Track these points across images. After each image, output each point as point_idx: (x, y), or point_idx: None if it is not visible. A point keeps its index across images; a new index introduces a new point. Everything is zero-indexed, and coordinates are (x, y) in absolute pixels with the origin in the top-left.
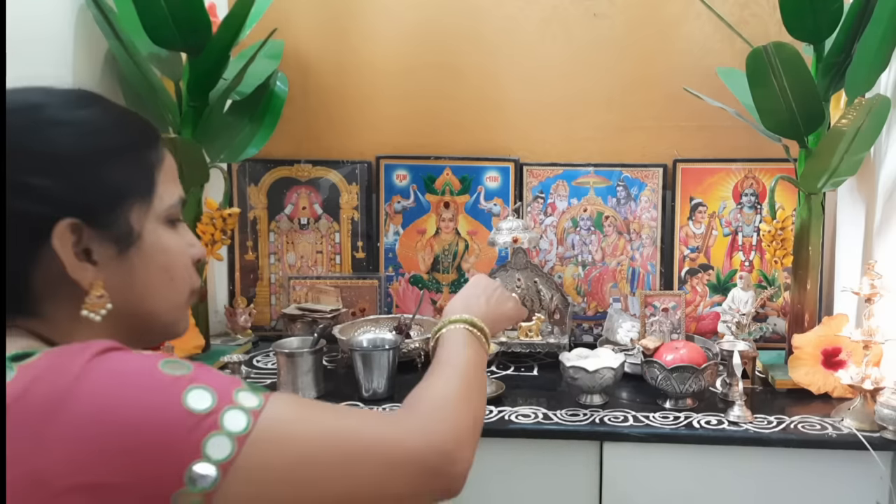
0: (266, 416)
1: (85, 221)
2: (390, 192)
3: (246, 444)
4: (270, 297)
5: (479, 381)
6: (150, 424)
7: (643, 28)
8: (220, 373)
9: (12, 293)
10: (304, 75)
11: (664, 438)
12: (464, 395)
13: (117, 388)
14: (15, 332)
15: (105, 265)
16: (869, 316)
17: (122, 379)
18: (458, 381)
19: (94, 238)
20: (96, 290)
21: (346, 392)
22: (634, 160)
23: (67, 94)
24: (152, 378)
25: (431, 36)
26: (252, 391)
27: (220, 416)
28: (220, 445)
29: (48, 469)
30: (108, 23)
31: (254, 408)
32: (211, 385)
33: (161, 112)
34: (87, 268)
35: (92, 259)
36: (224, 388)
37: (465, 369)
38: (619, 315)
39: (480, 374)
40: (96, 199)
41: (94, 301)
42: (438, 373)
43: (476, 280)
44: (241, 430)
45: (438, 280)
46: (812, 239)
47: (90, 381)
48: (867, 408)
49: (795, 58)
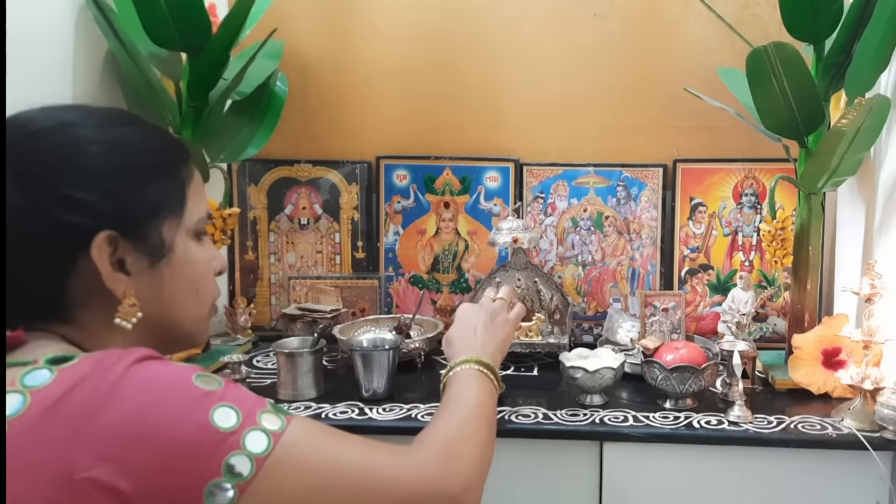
0: (286, 439)
1: (122, 234)
2: (390, 192)
3: (264, 466)
4: (270, 297)
5: (488, 420)
6: (177, 437)
7: (643, 28)
8: (248, 392)
9: (50, 299)
10: (304, 75)
11: (664, 438)
12: (473, 436)
13: (151, 397)
14: (50, 337)
15: (138, 276)
16: (869, 316)
17: (157, 388)
18: (468, 422)
19: (129, 250)
20: (129, 300)
21: (346, 392)
22: (634, 160)
23: (106, 114)
24: (185, 391)
25: (431, 36)
26: (275, 412)
27: (242, 436)
28: (241, 464)
29: (79, 469)
30: (108, 23)
31: (275, 430)
32: (238, 404)
33: (161, 112)
34: (122, 278)
35: (126, 269)
36: (249, 408)
37: (474, 409)
38: (619, 315)
39: (490, 411)
40: (133, 213)
41: (127, 310)
42: (449, 412)
43: (463, 313)
44: (261, 451)
45: (438, 280)
46: (812, 239)
47: (127, 387)
48: (867, 408)
49: (795, 58)
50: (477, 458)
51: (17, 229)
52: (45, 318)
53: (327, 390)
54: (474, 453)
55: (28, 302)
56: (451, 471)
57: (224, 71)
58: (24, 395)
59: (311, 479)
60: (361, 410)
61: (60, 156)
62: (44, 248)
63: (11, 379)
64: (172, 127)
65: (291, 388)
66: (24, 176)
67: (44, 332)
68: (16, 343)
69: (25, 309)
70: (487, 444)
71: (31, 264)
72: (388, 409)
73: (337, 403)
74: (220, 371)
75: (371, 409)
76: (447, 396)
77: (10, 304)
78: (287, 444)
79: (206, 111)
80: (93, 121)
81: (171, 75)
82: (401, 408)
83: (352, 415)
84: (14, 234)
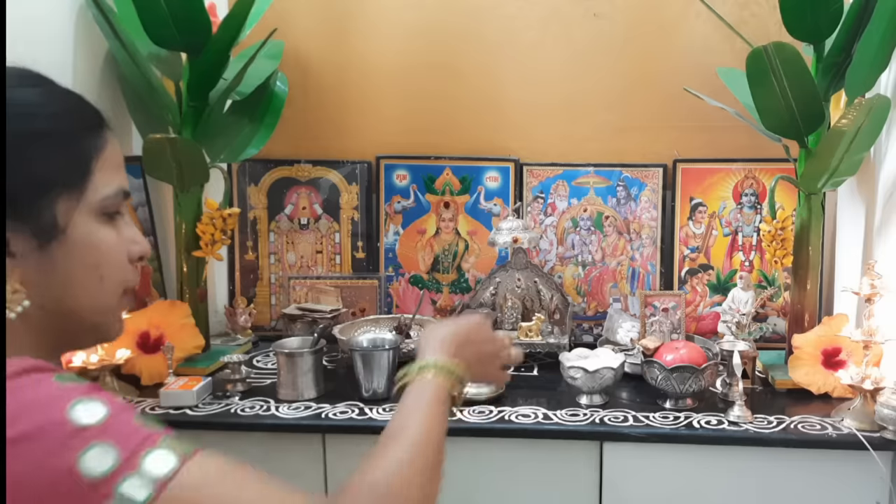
0: (175, 484)
1: None
2: (390, 192)
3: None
4: (270, 297)
5: (438, 452)
6: (39, 483)
7: (643, 28)
8: (141, 424)
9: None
10: (304, 75)
11: (664, 438)
12: (414, 480)
13: (17, 428)
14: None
15: (24, 258)
16: (869, 316)
17: (25, 415)
18: (413, 462)
19: (11, 228)
20: (10, 285)
21: (346, 392)
22: (634, 160)
23: (6, 74)
24: (54, 425)
25: (431, 36)
26: (169, 450)
27: (116, 485)
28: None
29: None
30: (108, 23)
31: (160, 476)
32: (119, 442)
33: (161, 112)
34: None
35: (10, 251)
36: (133, 448)
37: (424, 442)
38: (619, 315)
39: (441, 438)
40: (17, 187)
41: (10, 297)
42: (392, 446)
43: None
44: (138, 502)
45: (438, 280)
46: (812, 239)
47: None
48: (867, 408)
49: (795, 58)
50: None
51: None
52: None
53: (327, 390)
54: (414, 499)
55: None
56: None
57: (224, 71)
58: None
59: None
60: (361, 410)
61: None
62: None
63: None
64: (172, 127)
65: (291, 388)
66: None
67: None
68: None
69: None
70: (433, 481)
71: None
72: (388, 409)
73: (337, 403)
74: (220, 371)
75: (371, 409)
76: (399, 416)
77: None
78: (176, 489)
79: (206, 111)
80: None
81: (171, 75)
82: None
83: (352, 415)
84: None
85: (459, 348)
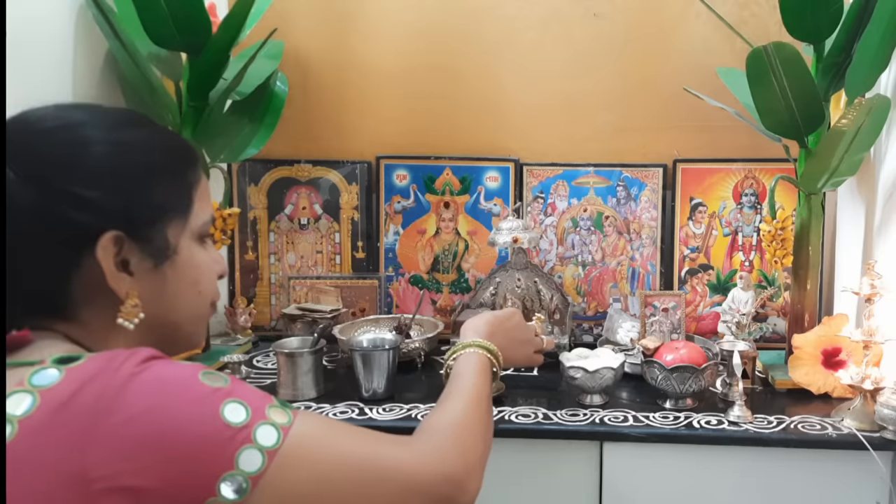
0: (294, 432)
1: (127, 234)
2: (390, 192)
3: (275, 459)
4: (270, 297)
5: (488, 408)
6: (189, 434)
7: (643, 28)
8: (254, 388)
9: (54, 297)
10: (304, 75)
11: (664, 438)
12: (475, 423)
13: (160, 397)
14: (54, 336)
15: (141, 277)
16: (869, 316)
17: (165, 387)
18: (470, 410)
19: (133, 250)
20: (132, 300)
21: (346, 392)
22: (634, 160)
23: (116, 115)
24: (193, 389)
25: (431, 36)
26: (282, 407)
27: (253, 430)
28: (252, 458)
29: (91, 469)
30: (108, 23)
31: (284, 424)
32: (245, 399)
33: (161, 112)
34: (125, 278)
35: (129, 270)
36: (257, 404)
37: (476, 397)
38: (619, 315)
39: (490, 400)
40: (140, 214)
41: (129, 310)
42: (452, 400)
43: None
44: (271, 444)
45: (438, 280)
46: (812, 239)
47: (136, 387)
48: (867, 408)
49: (795, 58)
50: (479, 444)
51: (24, 226)
52: (48, 316)
53: (327, 390)
54: (476, 440)
55: (32, 300)
56: (455, 458)
57: (224, 71)
58: (33, 395)
59: (320, 469)
60: (361, 410)
61: (69, 154)
62: (50, 246)
63: (20, 379)
64: (172, 127)
65: (291, 388)
66: (32, 173)
67: (48, 332)
68: (21, 342)
69: (30, 307)
70: (488, 430)
71: (37, 262)
72: (388, 409)
73: (337, 403)
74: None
75: (371, 409)
76: (451, 382)
77: (16, 301)
78: (296, 436)
79: (206, 111)
80: (102, 121)
81: (171, 75)
82: (401, 408)
83: (352, 415)
84: (21, 231)
85: (493, 335)
